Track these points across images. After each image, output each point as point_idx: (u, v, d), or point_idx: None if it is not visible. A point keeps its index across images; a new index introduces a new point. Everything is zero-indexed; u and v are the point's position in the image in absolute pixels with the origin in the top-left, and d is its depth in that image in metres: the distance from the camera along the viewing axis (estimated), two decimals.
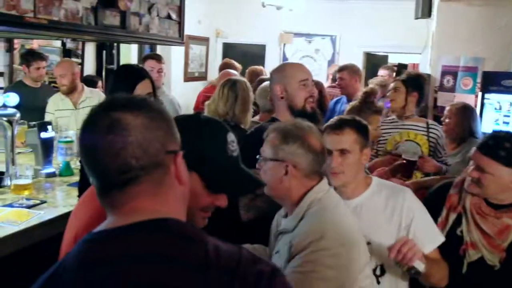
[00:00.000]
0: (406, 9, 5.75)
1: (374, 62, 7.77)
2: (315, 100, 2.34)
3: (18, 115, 2.80)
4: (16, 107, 2.85)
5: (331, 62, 8.00)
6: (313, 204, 1.62)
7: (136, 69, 2.46)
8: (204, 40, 7.94)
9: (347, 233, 1.57)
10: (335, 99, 4.54)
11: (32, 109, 3.81)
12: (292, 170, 1.62)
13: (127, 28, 2.79)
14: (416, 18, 5.29)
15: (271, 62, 7.25)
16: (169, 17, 3.31)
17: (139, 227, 0.86)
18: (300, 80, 2.24)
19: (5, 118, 2.74)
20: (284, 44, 8.17)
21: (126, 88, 2.25)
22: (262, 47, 8.24)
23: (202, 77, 7.96)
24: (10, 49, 4.54)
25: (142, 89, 2.28)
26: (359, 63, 6.72)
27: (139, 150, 0.87)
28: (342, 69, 4.45)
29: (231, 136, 1.23)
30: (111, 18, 2.68)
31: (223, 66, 5.06)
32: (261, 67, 5.36)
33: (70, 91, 4.00)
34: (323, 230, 1.52)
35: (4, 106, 2.74)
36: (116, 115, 0.87)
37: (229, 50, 8.29)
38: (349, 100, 4.04)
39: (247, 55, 7.99)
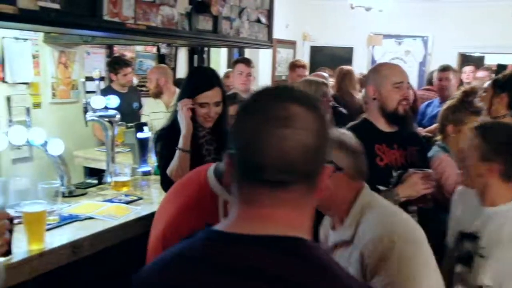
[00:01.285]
0: (504, 7, 5.42)
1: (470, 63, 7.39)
2: (409, 103, 2.27)
3: (118, 116, 2.97)
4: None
5: (422, 64, 7.73)
6: (366, 208, 1.49)
7: (204, 73, 2.44)
8: (291, 44, 7.99)
9: (414, 229, 1.48)
10: (426, 102, 4.37)
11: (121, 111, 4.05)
12: (336, 174, 1.45)
13: (219, 32, 2.89)
14: None
15: (359, 65, 7.14)
16: (258, 21, 3.37)
17: (274, 243, 0.79)
18: (395, 83, 2.17)
19: (106, 119, 2.92)
20: (373, 46, 8.00)
21: (193, 93, 2.28)
22: (350, 50, 8.14)
23: None
24: (110, 55, 4.85)
25: (211, 97, 2.28)
26: (453, 64, 6.42)
27: (309, 155, 0.80)
28: (446, 69, 4.23)
29: None
30: (204, 23, 2.78)
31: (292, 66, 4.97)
32: (350, 67, 5.21)
33: (156, 95, 4.22)
34: (395, 233, 1.41)
35: (106, 108, 2.93)
36: (293, 108, 0.81)
37: (316, 53, 8.27)
38: (441, 103, 3.86)
39: (334, 58, 7.92)
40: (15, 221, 1.83)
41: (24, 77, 4.02)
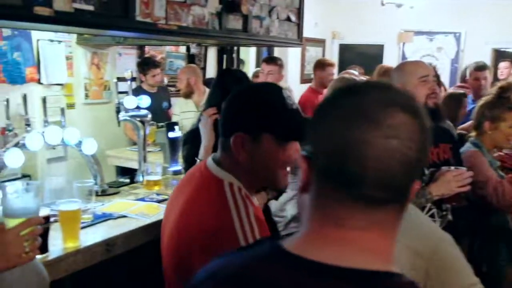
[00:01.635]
0: None
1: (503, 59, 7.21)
2: (437, 97, 2.24)
3: (149, 116, 3.00)
4: None
5: (454, 61, 7.58)
6: None
7: (234, 75, 2.48)
8: (320, 42, 7.94)
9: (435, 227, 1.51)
10: None
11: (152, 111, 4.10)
12: None
13: (249, 31, 2.89)
14: None
15: (389, 63, 7.02)
16: (288, 19, 3.36)
17: (366, 281, 0.67)
18: (420, 77, 2.17)
19: (138, 119, 2.96)
20: (404, 43, 7.88)
21: (223, 95, 2.29)
22: (380, 47, 8.03)
23: None
24: (141, 56, 4.91)
25: None
26: (487, 60, 6.28)
27: (409, 169, 0.69)
28: (483, 68, 4.13)
29: (285, 93, 1.37)
30: (234, 22, 2.79)
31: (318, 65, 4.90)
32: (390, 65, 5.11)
33: (186, 95, 4.24)
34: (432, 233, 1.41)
35: (138, 108, 2.96)
36: (400, 116, 0.69)
37: (346, 51, 8.19)
38: (474, 101, 3.78)
39: (364, 55, 7.85)
40: (51, 219, 1.88)
41: (58, 79, 4.12)
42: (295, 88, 7.36)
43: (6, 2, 1.59)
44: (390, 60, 7.53)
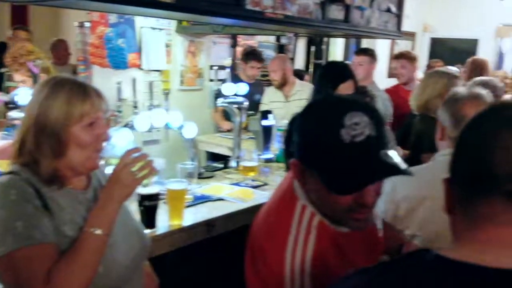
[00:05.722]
0: None
1: None
2: None
3: (246, 103, 3.07)
4: None
5: None
6: None
7: (341, 68, 2.50)
8: (410, 35, 7.69)
9: None
10: None
11: None
12: None
13: (350, 22, 2.87)
14: None
15: None
16: (388, 10, 3.29)
17: None
18: None
19: (235, 106, 3.03)
20: (501, 39, 7.46)
21: (330, 87, 2.34)
22: (474, 42, 7.65)
23: None
24: (234, 45, 5.01)
25: (345, 89, 2.35)
26: None
27: None
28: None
29: (354, 117, 1.02)
30: (336, 12, 2.78)
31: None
32: (484, 58, 4.79)
33: (281, 85, 4.25)
34: None
35: (235, 95, 3.04)
36: None
37: (437, 45, 7.89)
38: None
39: (456, 50, 7.51)
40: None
41: (158, 65, 4.30)
42: (382, 82, 7.23)
43: None
44: (485, 56, 7.14)
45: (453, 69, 4.17)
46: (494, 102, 1.10)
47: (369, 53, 4.09)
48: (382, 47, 6.79)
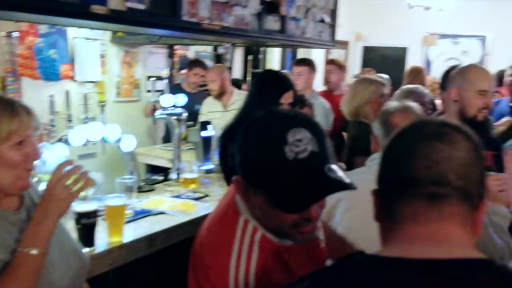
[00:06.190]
0: None
1: None
2: (489, 111, 2.21)
3: (185, 114, 3.04)
4: None
5: (479, 64, 7.52)
6: None
7: (283, 78, 2.55)
8: (343, 44, 7.93)
9: None
10: (494, 100, 4.25)
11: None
12: None
13: (286, 32, 2.91)
14: None
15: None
16: (322, 21, 3.38)
17: (468, 266, 0.76)
18: (480, 90, 2.11)
19: (174, 117, 2.99)
20: (428, 47, 7.84)
21: (273, 96, 2.37)
22: (403, 50, 8.00)
23: None
24: (171, 55, 4.96)
25: (286, 98, 2.40)
26: None
27: (461, 170, 0.80)
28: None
29: (296, 134, 1.01)
30: (272, 23, 2.81)
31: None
32: (421, 66, 5.08)
33: (219, 95, 4.26)
34: None
35: (174, 106, 3.00)
36: (446, 129, 0.84)
37: (369, 53, 8.17)
38: None
39: (386, 58, 7.82)
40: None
41: (92, 76, 4.18)
42: (318, 90, 7.40)
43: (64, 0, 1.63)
44: (414, 63, 7.48)
45: (384, 76, 4.35)
46: (417, 118, 1.16)
47: (308, 63, 4.17)
48: (317, 57, 6.94)
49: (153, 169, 3.79)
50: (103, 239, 1.96)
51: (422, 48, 7.90)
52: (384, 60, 7.76)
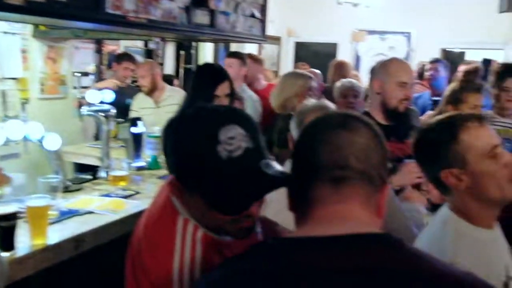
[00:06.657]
0: (486, 3, 5.53)
1: (451, 59, 7.53)
2: (409, 103, 2.32)
3: (113, 111, 2.95)
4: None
5: (405, 60, 7.84)
6: None
7: (218, 69, 2.56)
8: (276, 40, 8.01)
9: None
10: (416, 95, 4.45)
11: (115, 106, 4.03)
12: None
13: (216, 27, 2.90)
14: (501, 11, 5.05)
15: None
16: (252, 15, 3.39)
17: (366, 239, 0.82)
18: (400, 82, 2.21)
19: (102, 114, 2.90)
20: (357, 43, 8.08)
21: (208, 88, 2.38)
22: (334, 46, 8.20)
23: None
24: (99, 50, 4.80)
25: (222, 89, 2.41)
26: None
27: (362, 154, 0.87)
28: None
29: (228, 131, 0.98)
30: (202, 17, 2.79)
31: None
32: (345, 60, 5.22)
33: (151, 91, 4.18)
34: None
35: (101, 102, 2.91)
36: (349, 119, 0.91)
37: (301, 49, 8.31)
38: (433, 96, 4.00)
39: (318, 54, 7.98)
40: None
41: (13, 73, 3.96)
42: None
43: None
44: (344, 58, 7.70)
45: (317, 72, 4.45)
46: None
47: (239, 56, 4.17)
48: (250, 52, 6.97)
49: (82, 168, 3.66)
50: (24, 242, 1.87)
51: (352, 44, 8.13)
52: (316, 56, 7.91)
